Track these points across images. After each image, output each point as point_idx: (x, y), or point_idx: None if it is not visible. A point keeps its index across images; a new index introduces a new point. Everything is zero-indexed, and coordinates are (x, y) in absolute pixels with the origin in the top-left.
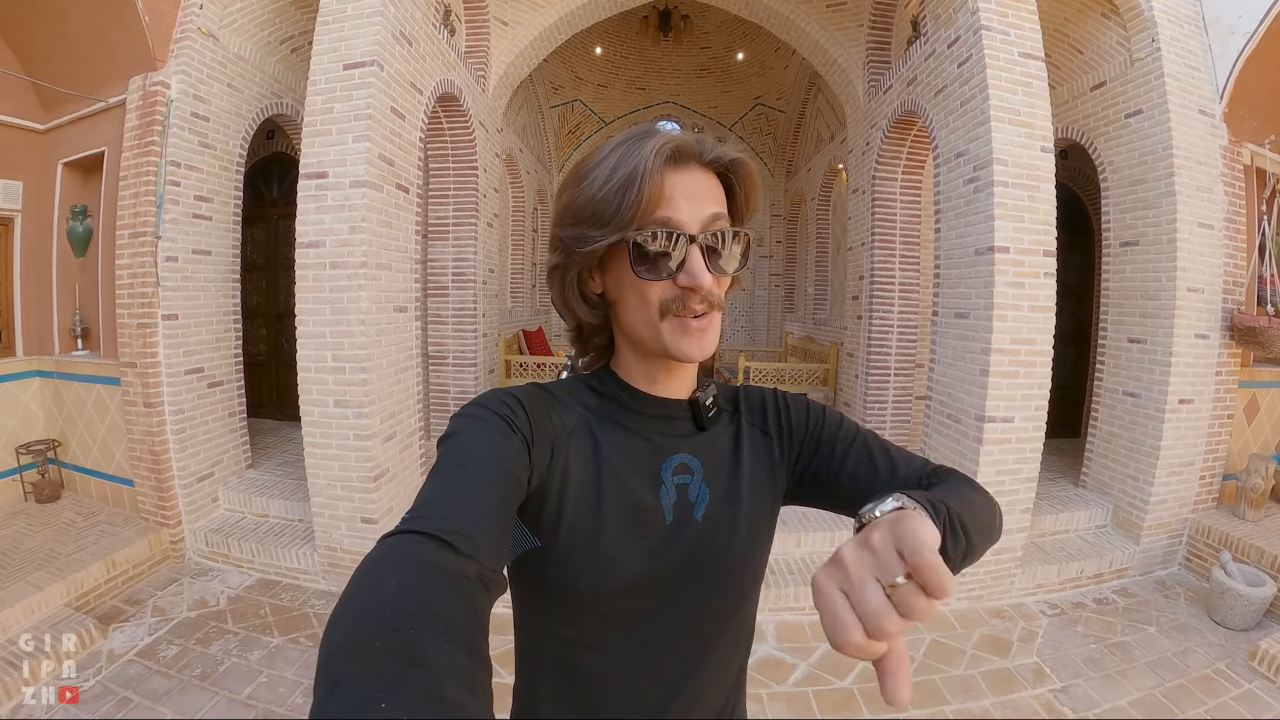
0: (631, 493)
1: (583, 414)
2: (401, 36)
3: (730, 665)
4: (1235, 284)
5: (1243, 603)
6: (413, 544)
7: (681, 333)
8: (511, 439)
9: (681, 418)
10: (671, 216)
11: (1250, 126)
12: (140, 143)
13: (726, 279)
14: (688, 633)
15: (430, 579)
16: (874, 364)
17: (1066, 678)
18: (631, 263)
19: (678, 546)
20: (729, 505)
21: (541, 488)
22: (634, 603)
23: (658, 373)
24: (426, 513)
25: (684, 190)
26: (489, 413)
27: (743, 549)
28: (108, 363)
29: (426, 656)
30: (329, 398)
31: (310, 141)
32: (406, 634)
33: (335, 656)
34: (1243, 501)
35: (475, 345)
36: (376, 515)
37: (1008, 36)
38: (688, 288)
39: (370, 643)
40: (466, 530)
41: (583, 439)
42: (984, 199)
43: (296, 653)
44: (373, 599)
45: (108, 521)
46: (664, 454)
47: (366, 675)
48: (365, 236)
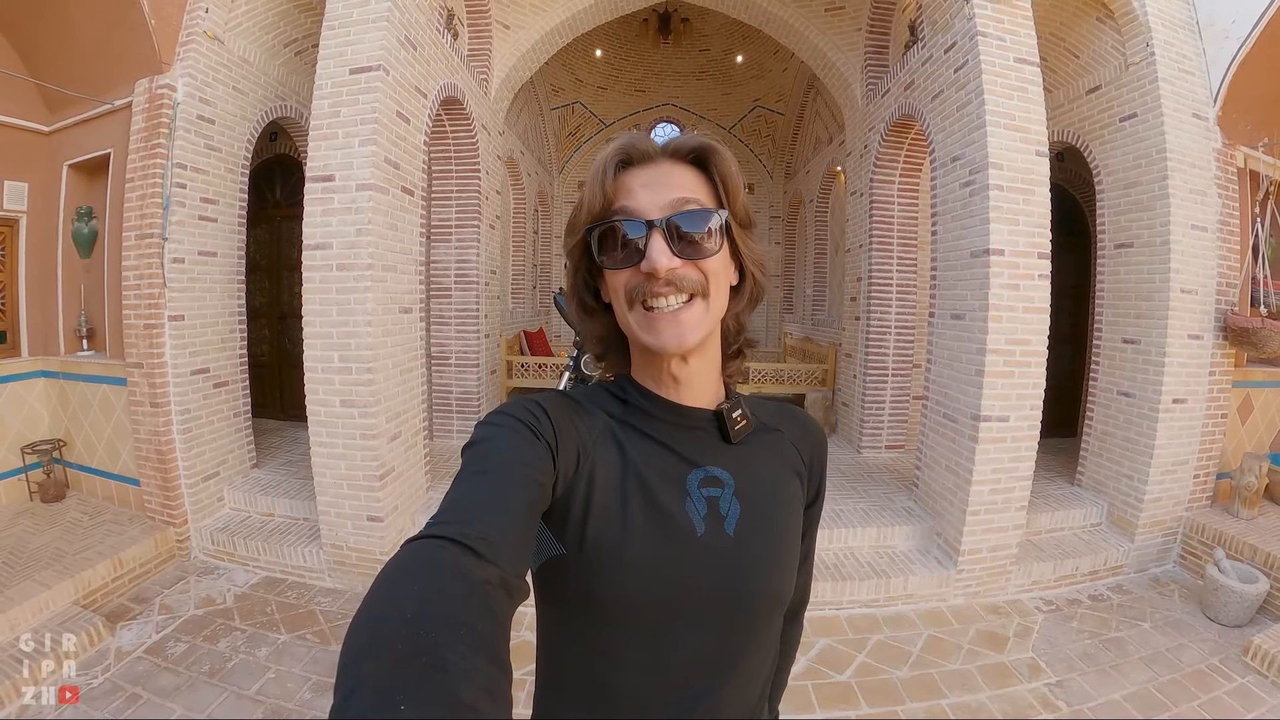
0: (658, 503)
1: (607, 421)
2: (406, 41)
3: (755, 682)
4: (1229, 285)
5: (1236, 599)
6: (436, 548)
7: (647, 322)
8: (536, 446)
9: (707, 429)
10: (628, 205)
11: (1244, 130)
12: (147, 145)
13: (706, 263)
14: (713, 647)
15: (453, 584)
16: (872, 364)
17: (1062, 672)
18: (595, 254)
19: (708, 559)
20: (763, 521)
21: (567, 495)
22: (657, 613)
23: (665, 376)
24: (451, 517)
25: (643, 181)
26: (513, 420)
27: (776, 566)
28: (113, 363)
29: (447, 660)
30: (335, 397)
31: (317, 145)
32: (428, 638)
33: (357, 658)
34: (1236, 500)
35: (478, 345)
36: (382, 513)
37: (1003, 42)
38: (647, 273)
39: (392, 645)
40: (490, 536)
41: (608, 447)
42: (980, 202)
43: (304, 649)
44: (395, 602)
45: (113, 521)
46: (690, 465)
47: (386, 678)
48: (372, 239)
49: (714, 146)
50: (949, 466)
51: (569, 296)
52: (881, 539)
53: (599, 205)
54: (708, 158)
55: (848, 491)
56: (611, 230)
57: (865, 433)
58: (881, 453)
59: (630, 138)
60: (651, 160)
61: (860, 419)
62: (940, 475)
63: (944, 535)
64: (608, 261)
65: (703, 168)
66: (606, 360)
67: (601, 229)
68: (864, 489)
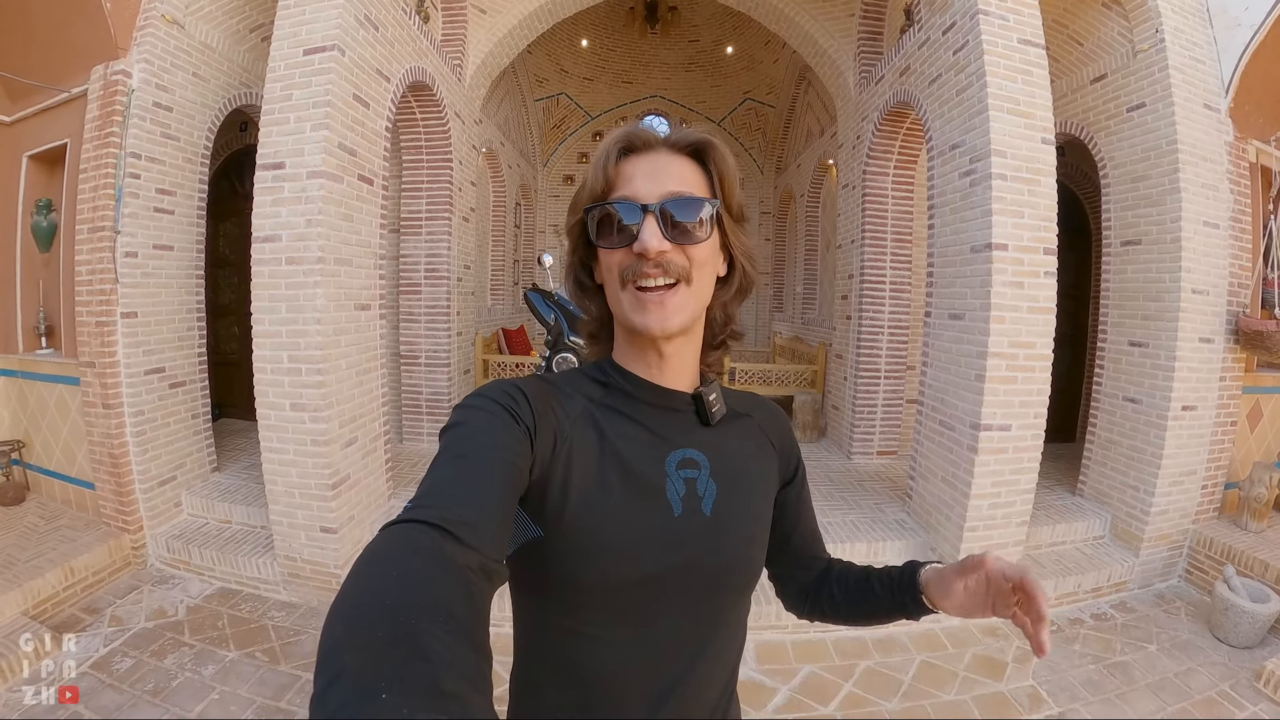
0: (636, 484)
1: (586, 405)
2: (366, 20)
3: (726, 661)
4: (1240, 286)
5: (1247, 619)
6: (414, 533)
7: (636, 303)
8: (514, 429)
9: (685, 411)
10: (628, 193)
11: (1256, 123)
12: (100, 134)
13: (694, 250)
14: (689, 626)
15: (432, 569)
16: (864, 366)
17: (1064, 702)
18: (592, 234)
19: (686, 540)
20: (737, 503)
21: (544, 478)
22: (637, 595)
23: (650, 356)
24: (429, 502)
25: (644, 170)
26: (491, 403)
27: (748, 546)
28: (68, 362)
29: (427, 648)
30: (285, 400)
31: (268, 131)
32: (408, 625)
33: (336, 647)
34: (1245, 512)
35: (449, 344)
36: (336, 524)
37: (1006, 21)
38: (639, 253)
39: (371, 633)
40: (468, 520)
41: (587, 429)
42: (981, 193)
43: (251, 668)
44: (374, 589)
45: (69, 526)
46: (669, 447)
47: (367, 667)
48: (323, 230)
49: (713, 142)
50: (945, 478)
51: (566, 275)
52: (872, 555)
53: (600, 188)
54: (707, 152)
55: (836, 502)
56: (608, 213)
57: (856, 437)
58: (873, 459)
59: (634, 126)
60: (652, 149)
61: (851, 423)
62: (935, 487)
63: (939, 551)
64: (603, 242)
65: (701, 161)
66: (597, 342)
67: (600, 211)
68: (854, 499)
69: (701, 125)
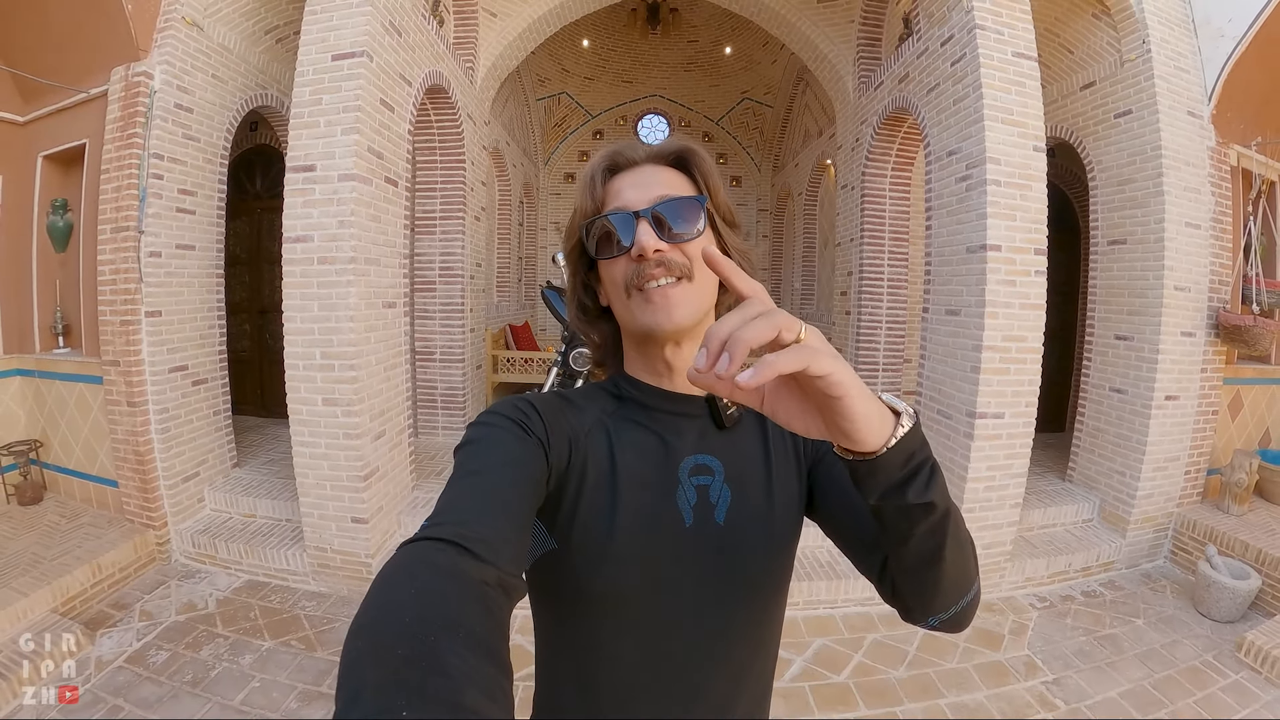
0: (646, 494)
1: (600, 417)
2: (391, 27)
3: (750, 674)
4: (1221, 283)
5: (1228, 595)
6: (433, 550)
7: (644, 303)
8: (527, 442)
9: (699, 415)
10: (619, 206)
11: (1237, 129)
12: (123, 135)
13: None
14: (706, 638)
15: (451, 586)
16: (862, 359)
17: (1058, 669)
18: (592, 251)
19: (697, 550)
20: (754, 509)
21: (559, 489)
22: (648, 606)
23: (659, 364)
24: (445, 519)
25: (631, 182)
26: (503, 419)
27: (766, 555)
28: (90, 361)
29: (447, 664)
30: (317, 395)
31: (298, 134)
32: (428, 641)
33: (357, 664)
34: (1227, 496)
35: (463, 340)
36: (367, 515)
37: (1001, 36)
38: (638, 255)
39: (392, 650)
40: (486, 536)
41: (599, 440)
42: (976, 197)
43: (288, 656)
44: (394, 606)
45: (92, 524)
46: (682, 454)
47: (388, 683)
48: (354, 231)
49: (694, 148)
50: (942, 464)
51: (569, 301)
52: None
53: (590, 209)
54: (689, 159)
55: None
56: (603, 225)
57: None
58: None
59: (615, 146)
60: (637, 165)
61: None
62: None
63: None
64: (603, 252)
65: (684, 169)
66: (604, 368)
67: (596, 226)
68: None
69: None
